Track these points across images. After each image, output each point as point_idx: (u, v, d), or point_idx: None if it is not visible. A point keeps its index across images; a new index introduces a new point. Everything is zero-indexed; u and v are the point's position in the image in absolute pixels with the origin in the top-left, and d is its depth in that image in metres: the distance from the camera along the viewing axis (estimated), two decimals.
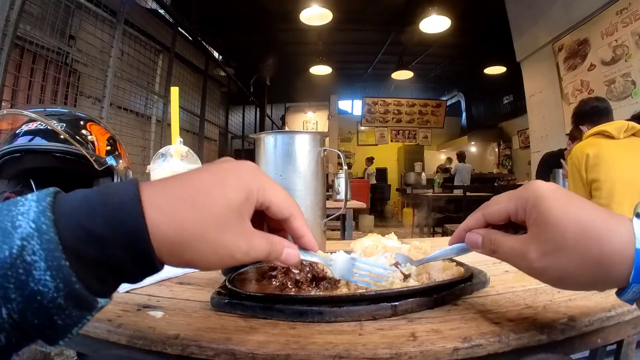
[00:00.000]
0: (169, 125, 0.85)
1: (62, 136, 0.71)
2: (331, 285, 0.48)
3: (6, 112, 0.78)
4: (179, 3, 5.19)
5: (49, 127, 0.72)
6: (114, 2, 3.28)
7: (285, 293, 0.46)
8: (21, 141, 0.73)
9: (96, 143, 0.81)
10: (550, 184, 0.34)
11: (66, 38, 3.04)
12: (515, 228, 0.37)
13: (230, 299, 0.45)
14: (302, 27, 5.59)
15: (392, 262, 0.48)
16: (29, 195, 0.25)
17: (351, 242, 0.57)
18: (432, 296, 0.45)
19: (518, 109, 7.41)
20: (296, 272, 0.49)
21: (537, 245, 0.32)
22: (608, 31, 3.81)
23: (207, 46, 6.07)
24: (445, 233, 4.28)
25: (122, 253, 0.25)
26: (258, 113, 8.86)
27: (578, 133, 2.16)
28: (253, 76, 7.72)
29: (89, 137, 0.80)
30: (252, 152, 0.78)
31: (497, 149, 8.78)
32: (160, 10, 4.56)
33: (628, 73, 3.65)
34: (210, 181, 0.29)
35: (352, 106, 10.70)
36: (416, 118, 10.15)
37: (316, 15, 4.90)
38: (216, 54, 6.96)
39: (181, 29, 4.95)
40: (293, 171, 0.70)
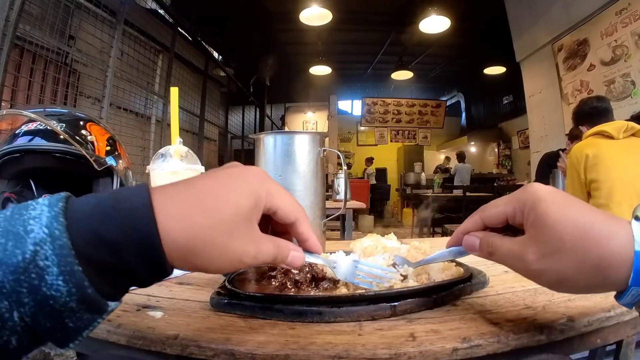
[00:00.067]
0: (169, 125, 0.85)
1: (62, 136, 0.71)
2: (330, 285, 0.48)
3: (6, 113, 0.78)
4: (179, 3, 5.19)
5: (49, 128, 0.72)
6: (114, 2, 3.28)
7: (284, 293, 0.46)
8: (21, 141, 0.73)
9: (96, 143, 0.81)
10: (548, 187, 0.34)
11: (66, 38, 3.04)
12: (513, 231, 0.36)
13: (229, 299, 0.45)
14: (302, 28, 5.59)
15: (390, 263, 0.48)
16: (40, 199, 0.25)
17: (351, 242, 0.57)
18: (432, 296, 0.45)
19: (518, 109, 7.41)
20: (295, 273, 0.49)
21: (535, 247, 0.32)
22: (608, 31, 3.82)
23: (207, 46, 6.07)
24: (444, 233, 4.28)
25: (135, 259, 0.25)
26: (258, 113, 8.86)
27: (578, 132, 2.17)
28: (253, 76, 7.72)
29: (89, 138, 0.80)
30: (252, 153, 0.78)
31: (497, 149, 8.78)
32: (160, 10, 4.56)
33: (627, 73, 3.65)
34: (219, 187, 0.29)
35: (352, 106, 10.70)
36: (416, 118, 10.15)
37: (316, 15, 4.90)
38: (216, 54, 6.96)
39: (181, 29, 4.94)
40: (292, 171, 0.70)
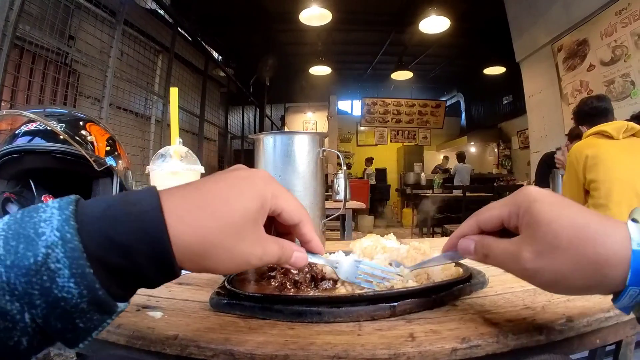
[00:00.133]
0: (169, 125, 0.85)
1: (62, 137, 0.71)
2: (330, 286, 0.48)
3: (5, 113, 0.78)
4: (179, 3, 5.19)
5: (49, 128, 0.72)
6: (114, 3, 3.28)
7: (284, 294, 0.46)
8: (20, 142, 0.73)
9: (95, 143, 0.81)
10: (543, 189, 0.34)
11: (65, 38, 3.04)
12: (509, 236, 0.36)
13: (229, 300, 0.46)
14: (302, 28, 5.59)
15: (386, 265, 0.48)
16: (50, 202, 0.25)
17: (350, 243, 0.57)
18: (431, 297, 0.45)
19: (517, 109, 7.42)
20: (295, 273, 0.49)
21: (531, 245, 0.32)
22: (607, 31, 3.82)
23: (207, 46, 6.07)
24: (444, 233, 4.28)
25: (145, 261, 0.26)
26: (257, 113, 8.86)
27: (578, 132, 2.18)
28: (252, 76, 7.72)
29: (89, 138, 0.80)
30: (252, 153, 0.78)
31: (497, 149, 8.78)
32: (159, 10, 4.56)
33: (627, 73, 3.65)
34: (227, 191, 0.30)
35: (352, 106, 10.70)
36: (416, 118, 10.15)
37: (316, 15, 4.90)
38: (216, 55, 6.96)
39: (181, 30, 4.94)
40: (292, 172, 0.70)
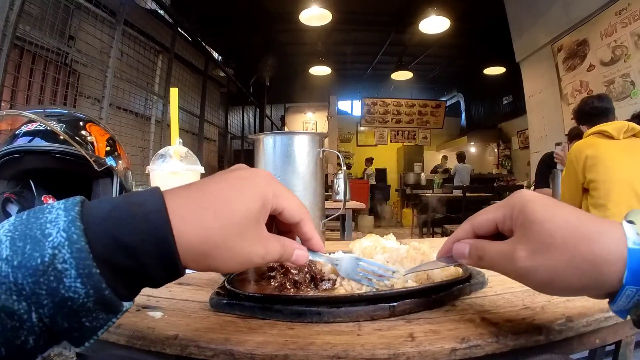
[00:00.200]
0: (169, 125, 0.85)
1: (62, 137, 0.71)
2: (329, 286, 0.48)
3: (5, 113, 0.78)
4: (179, 4, 5.19)
5: (49, 128, 0.72)
6: (114, 3, 3.28)
7: (283, 294, 0.46)
8: (20, 142, 0.73)
9: (96, 144, 0.81)
10: (536, 193, 0.34)
11: (65, 38, 3.04)
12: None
13: (229, 300, 0.46)
14: (302, 28, 5.59)
15: None
16: (55, 203, 0.26)
17: (350, 243, 0.57)
18: (431, 297, 0.45)
19: (517, 110, 7.42)
20: (295, 273, 0.49)
21: (526, 244, 0.31)
22: (607, 32, 3.82)
23: (207, 47, 6.07)
24: (444, 233, 4.28)
25: (150, 261, 0.26)
26: (257, 113, 8.86)
27: (578, 132, 2.18)
28: (252, 77, 7.72)
29: (89, 138, 0.80)
30: (252, 153, 0.78)
31: (497, 150, 8.78)
32: (159, 10, 4.56)
33: (627, 73, 3.65)
34: (229, 191, 0.30)
35: (352, 107, 10.70)
36: (415, 118, 10.15)
37: (316, 15, 4.90)
38: (216, 55, 6.96)
39: (181, 30, 4.94)
40: (292, 172, 0.71)
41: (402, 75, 7.49)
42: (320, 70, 6.87)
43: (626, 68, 3.66)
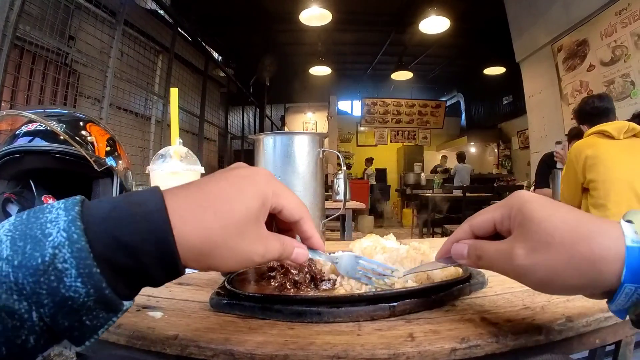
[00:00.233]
0: (169, 125, 0.86)
1: (62, 137, 0.71)
2: (329, 286, 0.48)
3: (6, 113, 0.78)
4: (179, 4, 5.19)
5: (49, 128, 0.73)
6: (114, 3, 3.28)
7: (283, 294, 0.46)
8: (21, 142, 0.73)
9: (96, 144, 0.81)
10: (534, 194, 0.34)
11: (66, 39, 3.04)
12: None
13: (229, 300, 0.46)
14: (302, 28, 5.59)
15: None
16: (55, 203, 0.26)
17: (350, 243, 0.57)
18: (430, 297, 0.45)
19: (517, 110, 7.42)
20: (295, 273, 0.49)
21: (524, 242, 0.31)
22: (607, 32, 3.82)
23: (207, 47, 6.07)
24: (444, 234, 4.28)
25: (151, 261, 0.26)
26: (257, 113, 8.86)
27: (577, 131, 2.18)
28: (252, 77, 7.72)
29: (89, 138, 0.80)
30: (252, 153, 0.78)
31: (497, 150, 8.78)
32: (159, 10, 4.56)
33: (627, 74, 3.65)
34: (229, 190, 0.30)
35: (352, 107, 10.70)
36: (415, 118, 10.15)
37: (316, 15, 4.90)
38: (216, 55, 6.96)
39: (181, 30, 4.94)
40: (292, 172, 0.71)
41: (402, 75, 7.49)
42: (320, 70, 6.87)
43: (626, 68, 3.66)
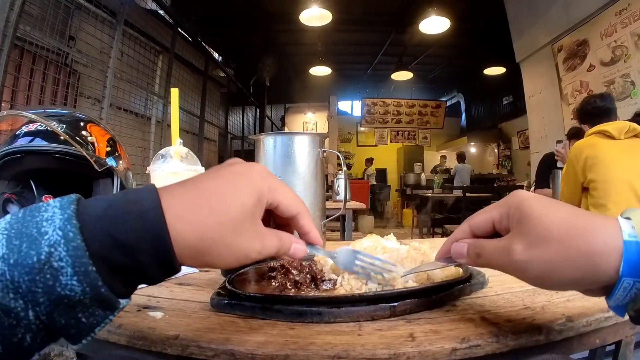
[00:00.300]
0: (169, 126, 0.86)
1: (62, 137, 0.71)
2: (330, 286, 0.48)
3: (6, 113, 0.78)
4: (179, 4, 5.19)
5: (49, 128, 0.73)
6: (114, 3, 3.28)
7: (284, 294, 0.46)
8: (21, 142, 0.73)
9: (96, 144, 0.81)
10: (533, 193, 0.34)
11: (66, 39, 3.04)
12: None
13: (229, 300, 0.46)
14: (302, 28, 5.59)
15: None
16: (51, 201, 0.26)
17: (350, 243, 0.57)
18: (431, 297, 0.45)
19: (517, 110, 7.41)
20: (295, 274, 0.49)
21: (522, 238, 0.32)
22: (607, 32, 3.82)
23: (207, 47, 6.07)
24: (444, 234, 4.28)
25: (147, 259, 0.26)
26: (258, 114, 8.86)
27: (576, 131, 2.18)
28: (253, 77, 7.72)
29: (89, 138, 0.80)
30: (252, 153, 0.78)
31: (497, 150, 8.78)
32: (160, 11, 4.56)
33: (627, 74, 3.65)
34: (224, 187, 0.30)
35: (352, 107, 10.70)
36: (416, 119, 10.15)
37: (316, 16, 4.90)
38: (216, 55, 6.96)
39: (181, 30, 4.94)
40: (292, 172, 0.71)
41: (402, 75, 7.49)
42: (320, 70, 6.87)
43: (626, 68, 3.66)
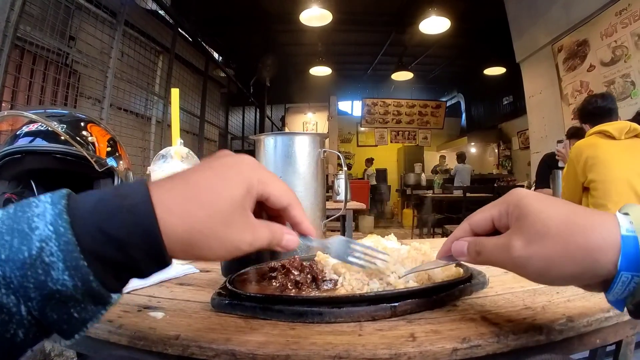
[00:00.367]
0: (169, 126, 0.86)
1: (63, 137, 0.71)
2: (331, 286, 0.48)
3: (7, 114, 0.78)
4: (179, 4, 5.19)
5: (50, 129, 0.73)
6: (114, 3, 3.28)
7: (285, 294, 0.46)
8: (22, 142, 0.73)
9: (96, 144, 0.81)
10: (532, 191, 0.35)
11: (66, 39, 3.04)
12: None
13: (230, 300, 0.46)
14: (302, 28, 5.59)
15: None
16: (42, 196, 0.26)
17: None
18: (432, 297, 0.45)
19: (518, 110, 7.41)
20: (296, 274, 0.49)
21: (521, 235, 0.32)
22: (607, 32, 3.82)
23: (207, 47, 6.07)
24: (445, 234, 4.28)
25: (138, 253, 0.26)
26: (258, 114, 8.87)
27: (575, 131, 2.18)
28: (253, 77, 7.72)
29: (90, 138, 0.80)
30: (252, 153, 0.78)
31: (497, 150, 8.77)
32: (160, 11, 4.56)
33: (627, 74, 3.65)
34: (213, 180, 0.30)
35: (352, 107, 10.70)
36: (416, 119, 10.15)
37: (316, 16, 4.90)
38: (216, 55, 6.96)
39: (181, 30, 4.95)
40: (293, 172, 0.71)
41: (403, 75, 7.48)
42: (320, 70, 6.87)
43: (626, 68, 3.66)
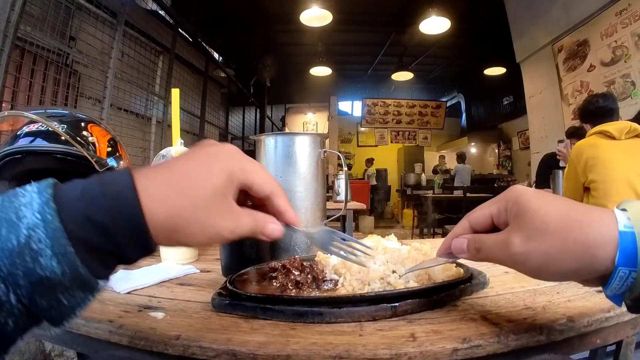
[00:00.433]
0: (169, 126, 0.86)
1: (63, 137, 0.72)
2: (331, 286, 0.48)
3: (7, 114, 0.78)
4: (179, 4, 5.19)
5: (50, 129, 0.73)
6: (114, 3, 3.29)
7: (285, 294, 0.46)
8: (22, 142, 0.73)
9: (97, 144, 0.81)
10: (530, 188, 0.35)
11: (66, 39, 3.04)
12: None
13: (231, 300, 0.46)
14: (302, 28, 5.59)
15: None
16: (28, 186, 0.26)
17: None
18: (432, 297, 0.45)
19: (518, 110, 7.41)
20: (297, 274, 0.49)
21: (520, 231, 0.33)
22: (608, 32, 3.82)
23: (207, 47, 6.08)
24: (445, 234, 4.28)
25: (123, 239, 0.27)
26: (258, 114, 8.87)
27: (574, 130, 2.18)
28: (253, 77, 7.72)
29: (90, 139, 0.80)
30: (252, 154, 0.78)
31: (497, 150, 8.77)
32: (160, 11, 4.56)
33: (627, 74, 3.65)
34: (195, 168, 0.31)
35: (352, 107, 10.70)
36: (416, 119, 10.15)
37: (316, 16, 4.90)
38: (216, 55, 6.96)
39: (181, 30, 4.95)
40: (293, 173, 0.71)
41: (403, 75, 7.48)
42: (320, 70, 6.87)
43: (627, 68, 3.66)
